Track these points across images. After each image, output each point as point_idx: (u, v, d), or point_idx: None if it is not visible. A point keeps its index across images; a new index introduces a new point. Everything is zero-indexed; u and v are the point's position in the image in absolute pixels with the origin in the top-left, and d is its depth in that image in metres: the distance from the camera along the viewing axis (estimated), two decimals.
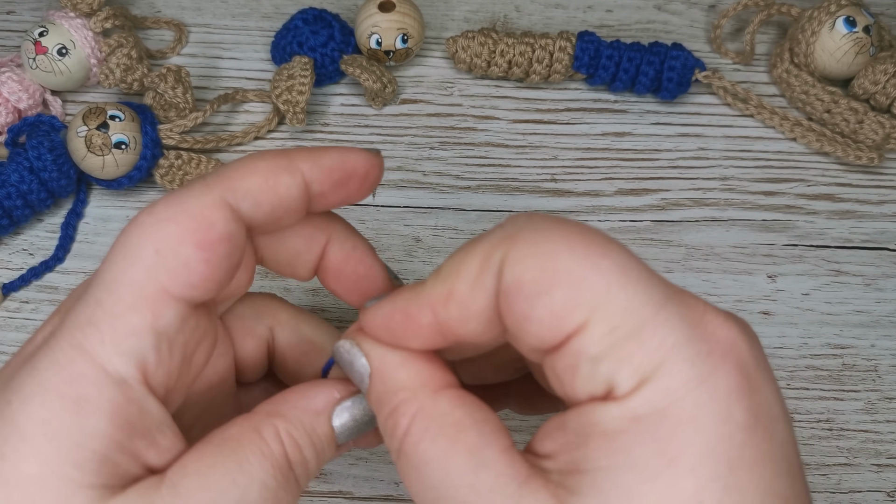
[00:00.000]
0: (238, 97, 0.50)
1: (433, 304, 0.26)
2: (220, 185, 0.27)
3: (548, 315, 0.23)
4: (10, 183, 0.45)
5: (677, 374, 0.22)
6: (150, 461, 0.26)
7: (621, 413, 0.23)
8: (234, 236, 0.27)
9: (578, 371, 0.23)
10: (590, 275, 0.23)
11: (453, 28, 0.54)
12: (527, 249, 0.24)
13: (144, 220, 0.26)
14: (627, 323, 0.23)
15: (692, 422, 0.22)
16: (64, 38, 0.48)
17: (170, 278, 0.25)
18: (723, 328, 0.24)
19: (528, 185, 0.49)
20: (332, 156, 0.29)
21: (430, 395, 0.26)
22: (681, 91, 0.51)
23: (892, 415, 0.44)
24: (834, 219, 0.49)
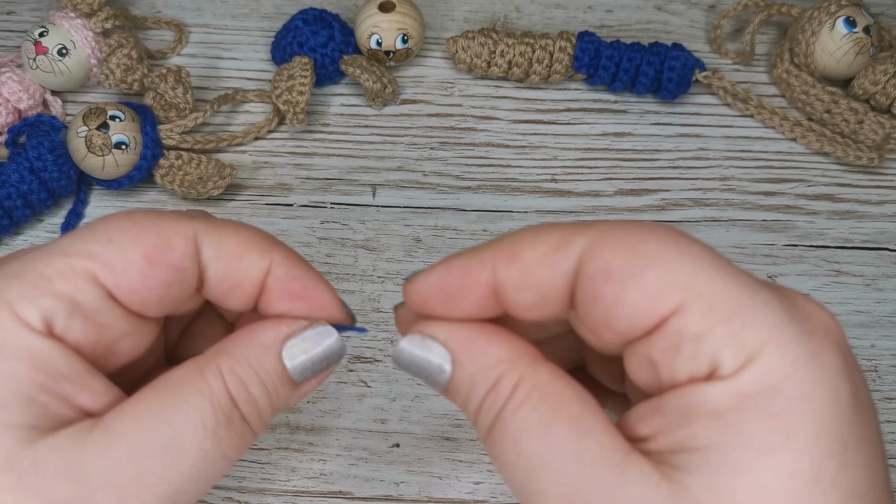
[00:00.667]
0: (238, 97, 0.50)
1: (496, 261, 0.25)
2: (200, 221, 0.27)
3: (642, 297, 0.23)
4: (11, 183, 0.45)
5: (786, 351, 0.22)
6: (85, 404, 0.26)
7: (729, 391, 0.22)
8: (183, 269, 0.27)
9: (681, 351, 0.23)
10: (682, 259, 0.23)
11: (453, 28, 0.54)
12: (614, 236, 0.24)
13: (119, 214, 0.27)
14: (726, 303, 0.23)
15: (806, 398, 0.22)
16: (64, 39, 0.48)
17: (104, 271, 0.26)
18: (817, 311, 0.24)
19: (528, 185, 0.49)
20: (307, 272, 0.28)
21: (530, 365, 0.25)
22: (681, 91, 0.51)
23: (892, 415, 0.44)
24: (834, 219, 0.49)
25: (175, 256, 0.26)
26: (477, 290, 0.26)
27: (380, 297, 0.46)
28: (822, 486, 0.22)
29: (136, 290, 0.26)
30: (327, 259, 0.47)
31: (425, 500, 0.41)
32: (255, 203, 0.48)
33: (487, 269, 0.25)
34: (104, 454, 0.25)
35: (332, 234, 0.47)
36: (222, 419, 0.26)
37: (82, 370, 0.26)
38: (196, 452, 0.25)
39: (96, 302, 0.26)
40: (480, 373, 0.26)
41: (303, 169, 0.49)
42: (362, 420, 0.43)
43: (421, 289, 0.26)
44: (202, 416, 0.26)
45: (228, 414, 0.26)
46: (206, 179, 0.47)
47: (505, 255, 0.25)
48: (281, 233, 0.47)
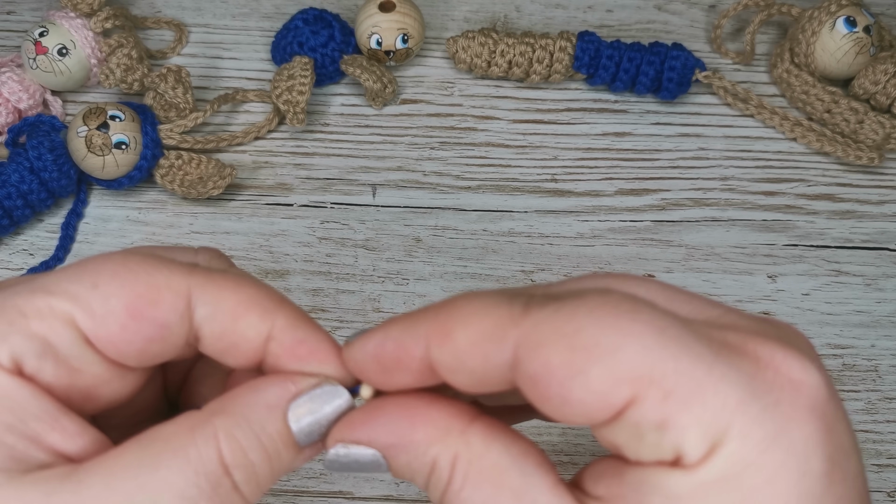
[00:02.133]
0: (238, 97, 0.50)
1: (429, 337, 0.24)
2: (198, 277, 0.25)
3: (589, 396, 0.21)
4: (11, 183, 0.45)
5: (748, 435, 0.21)
6: (57, 445, 0.24)
7: (691, 482, 0.21)
8: (168, 326, 0.25)
9: (643, 440, 0.22)
10: (626, 343, 0.21)
11: (453, 28, 0.54)
12: (549, 328, 0.22)
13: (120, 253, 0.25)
14: (682, 386, 0.21)
15: (769, 485, 0.21)
16: (64, 39, 0.48)
17: (83, 315, 0.24)
18: (784, 366, 0.22)
19: (528, 185, 0.49)
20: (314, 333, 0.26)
21: (460, 438, 0.24)
22: (681, 91, 0.51)
23: (892, 415, 0.44)
24: (834, 219, 0.49)
25: (160, 313, 0.25)
26: (412, 364, 0.24)
27: (380, 297, 0.46)
28: None
29: (113, 341, 0.25)
30: (327, 259, 0.47)
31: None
32: (255, 203, 0.48)
33: (421, 345, 0.24)
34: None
35: (332, 234, 0.47)
36: (206, 489, 0.23)
37: (53, 409, 0.24)
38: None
39: (71, 346, 0.24)
40: (415, 461, 0.24)
41: (303, 169, 0.49)
42: None
43: (358, 357, 0.25)
44: (182, 484, 0.23)
45: (215, 483, 0.24)
46: (206, 179, 0.47)
47: (438, 333, 0.24)
48: (281, 233, 0.47)
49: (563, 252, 0.47)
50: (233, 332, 0.25)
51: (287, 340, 0.25)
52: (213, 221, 0.48)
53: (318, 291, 0.46)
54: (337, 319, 0.45)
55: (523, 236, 0.48)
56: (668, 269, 0.47)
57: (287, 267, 0.46)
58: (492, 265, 0.47)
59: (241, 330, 0.25)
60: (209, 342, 0.26)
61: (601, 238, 0.48)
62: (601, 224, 0.48)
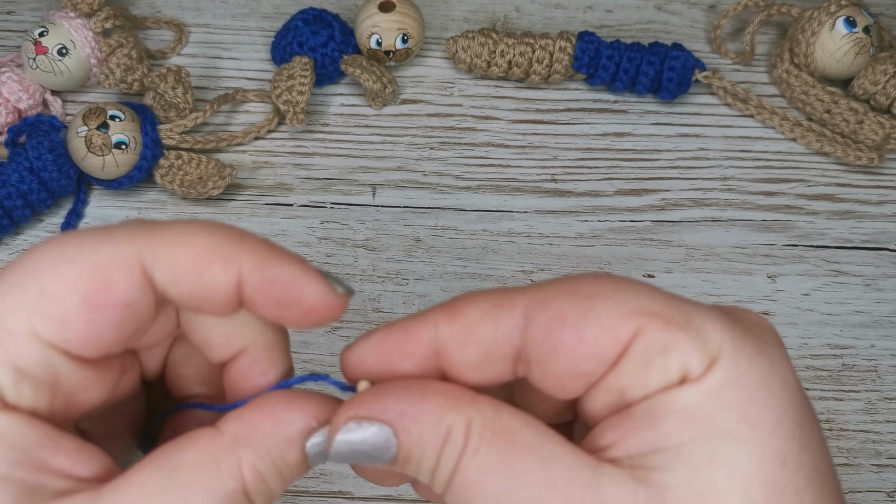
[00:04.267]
0: (238, 97, 0.50)
1: (438, 318, 0.25)
2: (143, 241, 0.24)
3: (601, 331, 0.24)
4: (11, 183, 0.45)
5: (739, 348, 0.24)
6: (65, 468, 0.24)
7: (697, 393, 0.23)
8: (133, 304, 0.24)
9: (652, 366, 0.24)
10: (624, 290, 0.24)
11: (453, 28, 0.54)
12: (553, 288, 0.25)
13: (49, 248, 0.24)
14: (678, 316, 0.24)
15: (765, 386, 0.24)
16: (64, 39, 0.48)
17: (44, 324, 0.23)
18: (753, 316, 0.26)
19: (528, 185, 0.49)
20: (283, 269, 0.25)
21: (472, 404, 0.25)
22: (681, 91, 0.51)
23: (892, 415, 0.44)
24: (834, 219, 0.49)
25: (118, 293, 0.23)
26: (417, 349, 0.25)
27: (380, 297, 0.46)
28: (789, 467, 0.23)
29: (84, 339, 0.24)
30: (327, 259, 0.47)
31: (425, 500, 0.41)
32: (255, 203, 0.48)
33: (429, 326, 0.25)
34: None
35: (332, 234, 0.47)
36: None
37: (49, 432, 0.24)
38: None
39: (41, 360, 0.23)
40: (428, 431, 0.24)
41: (303, 169, 0.49)
42: None
43: (361, 351, 0.26)
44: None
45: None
46: (206, 179, 0.47)
47: (447, 313, 0.25)
48: (281, 233, 0.47)
49: (563, 252, 0.47)
50: (200, 287, 0.24)
51: (258, 283, 0.25)
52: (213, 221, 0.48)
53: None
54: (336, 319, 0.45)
55: (523, 236, 0.48)
56: (668, 269, 0.47)
57: None
58: (492, 265, 0.47)
59: (209, 283, 0.24)
60: (181, 302, 0.25)
61: (601, 238, 0.48)
62: (601, 224, 0.48)
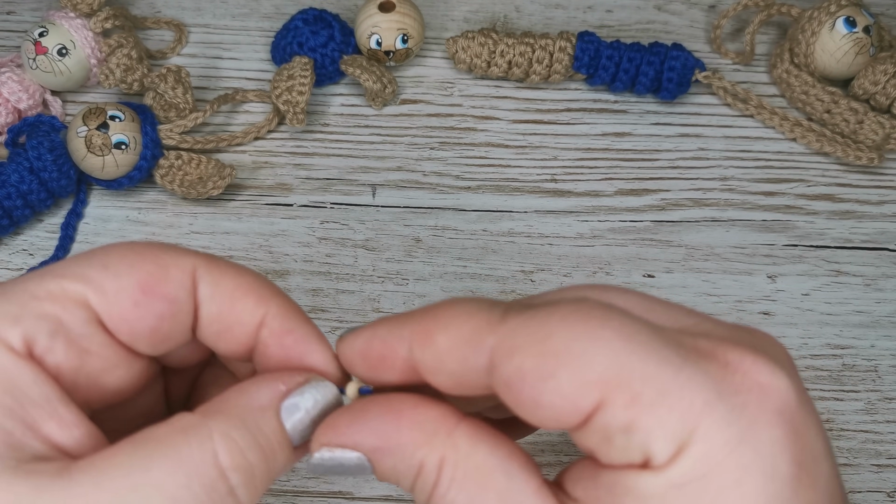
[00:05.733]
0: (238, 97, 0.50)
1: (412, 338, 0.25)
2: (202, 259, 0.26)
3: (559, 399, 0.22)
4: (10, 183, 0.45)
5: (715, 435, 0.21)
6: (53, 435, 0.24)
7: (659, 483, 0.22)
8: (177, 302, 0.26)
9: (612, 443, 0.22)
10: (594, 348, 0.22)
11: (453, 28, 0.54)
12: (523, 335, 0.23)
13: (129, 243, 0.26)
14: (648, 389, 0.22)
15: (737, 486, 0.21)
16: (64, 39, 0.48)
17: (95, 294, 0.25)
18: (753, 370, 0.22)
19: (528, 185, 0.49)
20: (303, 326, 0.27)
21: (446, 440, 0.24)
22: (681, 91, 0.51)
23: (892, 415, 0.44)
24: (834, 219, 0.49)
25: (170, 288, 0.25)
26: (397, 363, 0.25)
27: (380, 297, 0.46)
28: None
29: (126, 318, 0.25)
30: (327, 259, 0.47)
31: None
32: (255, 203, 0.48)
33: (405, 345, 0.25)
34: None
35: (332, 234, 0.47)
36: (199, 492, 0.23)
37: (53, 397, 0.24)
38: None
39: (82, 325, 0.25)
40: (400, 463, 0.24)
41: (303, 169, 0.49)
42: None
43: (347, 352, 0.26)
44: (174, 486, 0.23)
45: (210, 487, 0.23)
46: (206, 179, 0.47)
47: (420, 336, 0.24)
48: (281, 232, 0.47)
49: (562, 252, 0.47)
50: (229, 313, 0.26)
51: (276, 328, 0.26)
52: (212, 221, 0.48)
53: (318, 291, 0.46)
54: (336, 319, 0.45)
55: (523, 236, 0.48)
56: (667, 270, 0.47)
57: (287, 267, 0.46)
58: (492, 265, 0.47)
59: (237, 312, 0.26)
60: (206, 323, 0.26)
61: (601, 238, 0.48)
62: (601, 224, 0.48)
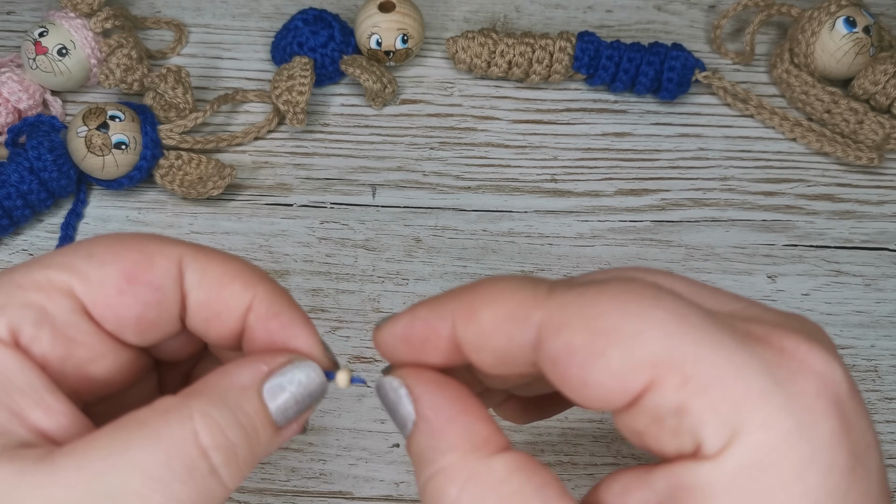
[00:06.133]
0: (238, 97, 0.50)
1: (455, 315, 0.24)
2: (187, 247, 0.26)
3: (608, 378, 0.22)
4: (10, 183, 0.45)
5: (773, 425, 0.21)
6: (40, 423, 0.24)
7: (718, 473, 0.21)
8: (162, 289, 0.26)
9: (663, 425, 0.22)
10: (645, 328, 0.21)
11: (453, 28, 0.54)
12: (573, 310, 0.22)
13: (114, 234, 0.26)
14: (702, 373, 0.21)
15: (799, 480, 0.21)
16: (64, 39, 0.48)
17: (80, 283, 0.25)
18: (809, 358, 0.22)
19: (528, 185, 0.49)
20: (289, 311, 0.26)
21: (483, 460, 0.23)
22: (681, 91, 0.51)
23: (892, 415, 0.44)
24: (834, 219, 0.49)
25: (155, 275, 0.25)
26: (440, 343, 0.25)
27: (380, 297, 0.46)
28: None
29: (111, 306, 0.25)
30: (327, 259, 0.47)
31: None
32: (255, 203, 0.48)
33: (448, 324, 0.24)
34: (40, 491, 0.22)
35: (332, 234, 0.47)
36: (180, 471, 0.23)
37: (40, 385, 0.24)
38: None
39: (68, 314, 0.25)
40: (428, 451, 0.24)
41: (303, 169, 0.49)
42: (362, 420, 0.43)
43: (388, 339, 0.26)
44: (153, 464, 0.23)
45: (190, 465, 0.23)
46: (206, 179, 0.47)
47: (464, 312, 0.24)
48: (281, 232, 0.47)
49: (562, 252, 0.47)
50: (217, 299, 0.26)
51: (263, 312, 0.26)
52: (212, 221, 0.48)
53: (318, 291, 0.46)
54: (336, 319, 0.45)
55: (523, 236, 0.48)
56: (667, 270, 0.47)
57: (287, 267, 0.46)
58: (492, 265, 0.47)
59: (225, 298, 0.26)
60: (194, 311, 0.26)
61: (601, 238, 0.48)
62: (601, 224, 0.48)
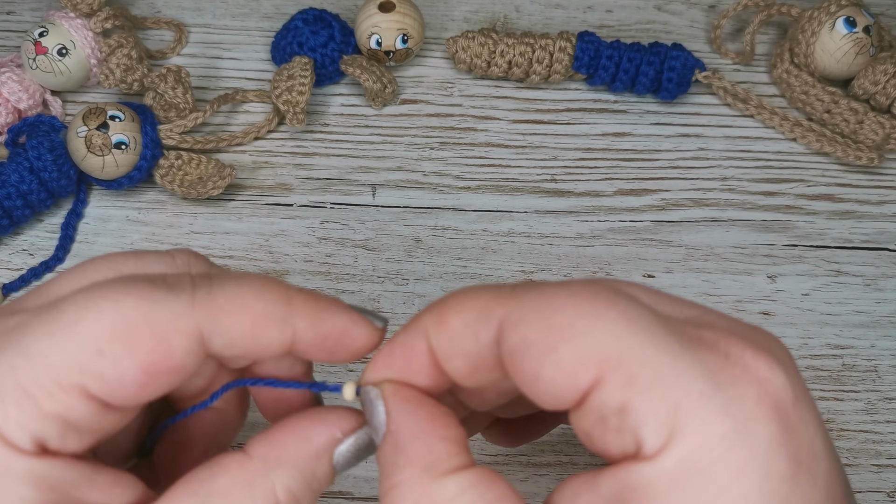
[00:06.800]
0: (238, 97, 0.50)
1: (426, 328, 0.25)
2: (205, 310, 0.25)
3: (558, 373, 0.22)
4: (10, 183, 0.45)
5: (710, 428, 0.21)
6: (99, 500, 0.24)
7: (658, 473, 0.21)
8: (185, 368, 0.25)
9: (606, 424, 0.22)
10: (597, 326, 0.22)
11: (453, 28, 0.54)
12: (530, 308, 0.23)
13: (106, 304, 0.24)
14: (645, 372, 0.21)
15: (736, 483, 0.21)
16: (64, 39, 0.48)
17: (97, 384, 0.24)
18: (753, 365, 0.22)
19: (528, 185, 0.49)
20: (334, 322, 0.26)
21: (436, 480, 0.24)
22: (681, 91, 0.51)
23: (892, 415, 0.44)
24: (834, 219, 0.49)
25: (175, 361, 0.24)
26: (421, 360, 0.25)
27: (380, 297, 0.46)
28: None
29: (133, 398, 0.24)
30: (327, 259, 0.47)
31: None
32: (255, 203, 0.48)
33: (423, 339, 0.25)
34: None
35: (332, 234, 0.47)
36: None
37: (86, 471, 0.24)
38: None
39: (89, 416, 0.24)
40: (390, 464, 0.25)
41: (303, 169, 0.49)
42: None
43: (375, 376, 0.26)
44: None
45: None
46: (206, 179, 0.47)
47: (435, 322, 0.25)
48: (281, 232, 0.47)
49: (562, 252, 0.47)
50: (255, 350, 0.26)
51: (312, 339, 0.26)
52: (212, 221, 0.48)
53: (318, 291, 0.46)
54: None
55: (523, 236, 0.48)
56: (667, 270, 0.47)
57: (287, 267, 0.46)
58: (492, 265, 0.47)
59: (264, 346, 0.26)
60: (232, 362, 0.27)
61: (601, 238, 0.48)
62: (601, 224, 0.48)
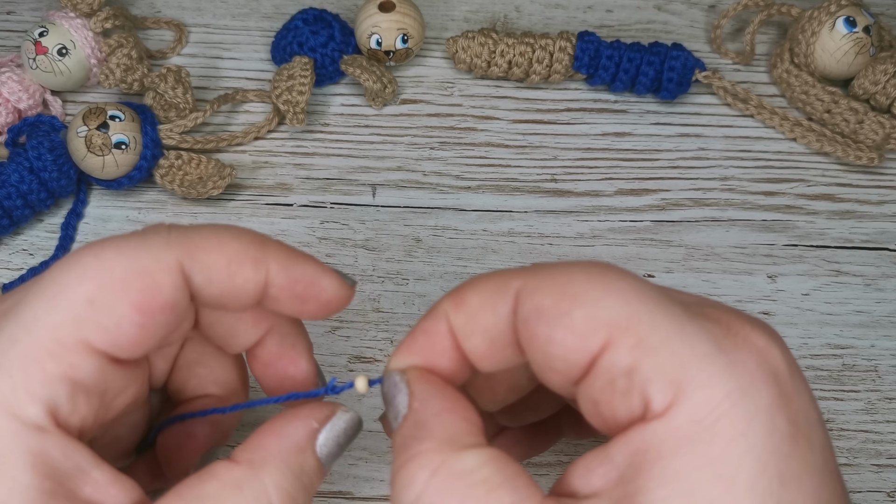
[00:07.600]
0: (238, 97, 0.50)
1: (446, 311, 0.26)
2: (182, 246, 0.25)
3: (570, 335, 0.23)
4: (10, 183, 0.45)
5: (716, 385, 0.22)
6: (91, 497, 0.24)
7: (667, 430, 0.22)
8: (177, 305, 0.25)
9: (615, 387, 0.23)
10: (608, 295, 0.23)
11: (453, 28, 0.54)
12: (545, 278, 0.24)
13: (88, 258, 0.25)
14: (653, 336, 0.23)
15: (742, 437, 0.22)
16: (64, 39, 0.48)
17: (96, 334, 0.24)
18: (751, 335, 0.24)
19: (528, 185, 0.49)
20: (304, 269, 0.27)
21: (457, 452, 0.24)
22: (681, 91, 0.51)
23: (892, 415, 0.44)
24: (834, 219, 0.49)
25: (166, 296, 0.25)
26: (442, 343, 0.26)
27: (380, 297, 0.46)
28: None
29: (136, 342, 0.25)
30: (327, 259, 0.47)
31: None
32: (255, 203, 0.48)
33: (443, 321, 0.26)
34: None
35: (332, 234, 0.47)
36: None
37: (84, 463, 0.24)
38: None
39: (96, 372, 0.24)
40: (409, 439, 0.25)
41: (303, 169, 0.49)
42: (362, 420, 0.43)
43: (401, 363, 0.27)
44: None
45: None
46: (206, 179, 0.47)
47: (454, 303, 0.26)
48: (281, 233, 0.47)
49: (563, 252, 0.47)
50: (231, 289, 0.26)
51: (283, 282, 0.27)
52: (212, 221, 0.48)
53: None
54: (337, 319, 0.45)
55: (523, 236, 0.48)
56: (668, 269, 0.47)
57: None
58: (492, 265, 0.47)
59: (239, 285, 0.26)
60: (211, 302, 0.27)
61: (601, 238, 0.48)
62: (601, 224, 0.48)
